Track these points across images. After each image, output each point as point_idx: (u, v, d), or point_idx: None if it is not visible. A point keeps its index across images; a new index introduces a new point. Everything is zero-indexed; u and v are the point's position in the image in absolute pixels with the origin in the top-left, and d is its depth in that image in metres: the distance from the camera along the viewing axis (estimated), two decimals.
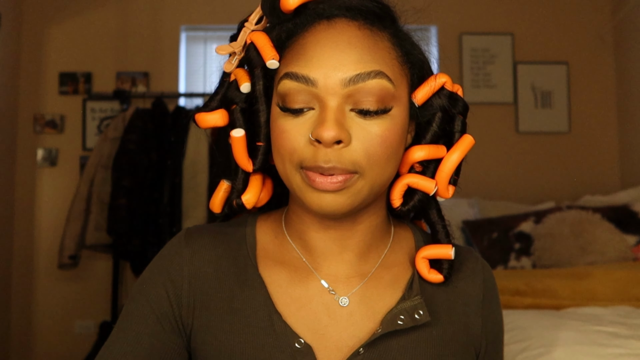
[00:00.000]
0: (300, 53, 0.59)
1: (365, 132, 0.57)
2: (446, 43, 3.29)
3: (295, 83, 0.58)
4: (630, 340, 1.31)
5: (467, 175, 3.07)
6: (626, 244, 2.28)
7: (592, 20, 3.32)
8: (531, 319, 1.50)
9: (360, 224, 0.65)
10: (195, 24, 3.28)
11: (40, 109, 3.19)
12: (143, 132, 2.75)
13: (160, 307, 0.63)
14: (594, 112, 3.31)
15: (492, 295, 0.71)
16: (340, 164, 0.56)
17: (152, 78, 3.22)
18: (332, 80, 0.56)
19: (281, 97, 0.59)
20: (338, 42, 0.58)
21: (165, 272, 0.65)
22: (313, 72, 0.57)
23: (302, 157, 0.57)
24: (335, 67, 0.57)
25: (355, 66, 0.57)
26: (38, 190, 3.18)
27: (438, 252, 0.66)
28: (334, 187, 0.56)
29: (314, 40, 0.59)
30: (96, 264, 3.09)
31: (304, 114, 0.58)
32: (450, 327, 0.65)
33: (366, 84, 0.57)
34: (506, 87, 3.28)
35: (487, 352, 0.69)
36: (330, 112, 0.56)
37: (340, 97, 0.57)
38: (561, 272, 1.95)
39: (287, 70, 0.59)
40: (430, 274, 0.66)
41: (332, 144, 0.56)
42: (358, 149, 0.57)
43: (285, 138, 0.58)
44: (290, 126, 0.58)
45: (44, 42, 3.22)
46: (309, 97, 0.58)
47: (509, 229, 2.44)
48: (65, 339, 3.08)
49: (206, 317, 0.63)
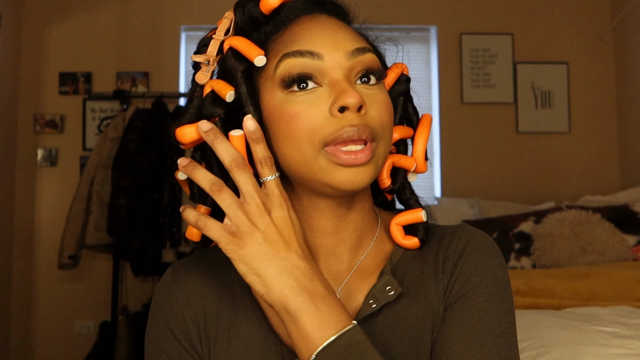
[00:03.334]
0: (296, 37, 0.60)
1: (373, 100, 0.60)
2: (446, 43, 3.30)
3: (300, 59, 0.58)
4: (630, 340, 1.31)
5: (467, 175, 3.08)
6: (626, 244, 2.28)
7: (592, 20, 3.32)
8: (531, 319, 1.50)
9: (353, 211, 0.65)
10: (195, 24, 3.28)
11: (40, 109, 3.19)
12: (143, 132, 2.75)
13: (181, 357, 0.63)
14: (594, 112, 3.31)
15: (473, 251, 0.64)
16: (366, 127, 0.57)
17: (152, 78, 3.22)
18: (338, 53, 0.59)
19: (283, 79, 0.59)
20: (331, 26, 0.62)
21: (170, 322, 0.64)
22: (317, 48, 0.59)
23: (325, 132, 0.57)
24: (336, 43, 0.60)
25: (352, 42, 0.60)
26: (38, 190, 3.18)
27: (409, 216, 0.67)
28: (365, 159, 0.57)
29: (306, 27, 0.61)
30: (96, 264, 3.09)
31: (313, 91, 0.58)
32: (429, 304, 0.64)
33: (365, 57, 0.60)
34: (506, 87, 3.28)
35: (454, 311, 0.61)
36: (344, 82, 0.58)
37: (346, 70, 0.59)
38: (561, 272, 1.95)
39: (285, 51, 0.59)
40: (405, 240, 0.66)
41: (356, 110, 0.57)
42: (374, 115, 0.59)
43: (302, 118, 0.58)
44: (302, 106, 0.58)
45: (44, 42, 3.22)
46: (315, 72, 0.59)
47: (509, 229, 2.44)
48: (65, 339, 3.09)
49: (214, 350, 0.63)
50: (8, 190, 3.10)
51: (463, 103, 3.25)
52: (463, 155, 3.24)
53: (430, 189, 3.26)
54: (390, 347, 0.61)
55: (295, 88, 0.58)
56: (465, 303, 0.61)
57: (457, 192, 3.17)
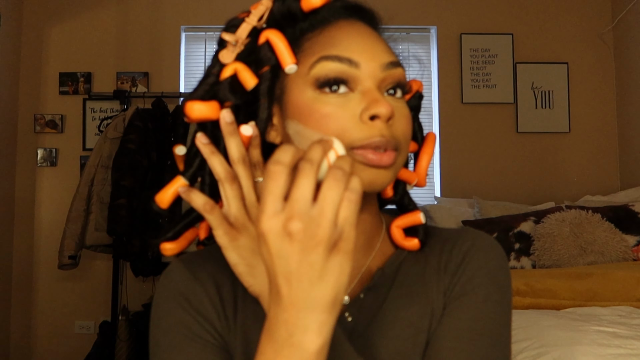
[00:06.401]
0: (335, 40, 0.61)
1: (399, 113, 0.61)
2: (446, 43, 3.30)
3: (338, 64, 0.60)
4: (630, 340, 1.31)
5: (467, 175, 3.07)
6: (626, 244, 2.28)
7: (592, 20, 3.32)
8: (531, 319, 1.50)
9: (363, 212, 0.66)
10: (195, 24, 3.28)
11: (40, 109, 3.20)
12: (143, 132, 2.76)
13: (204, 337, 0.62)
14: (594, 112, 3.31)
15: (477, 252, 0.65)
16: (393, 139, 0.59)
17: (152, 78, 3.22)
18: (374, 64, 0.61)
19: (317, 79, 0.60)
20: (369, 35, 0.63)
21: (190, 310, 0.63)
22: (355, 56, 0.60)
23: (354, 137, 0.58)
24: (373, 53, 0.61)
25: (388, 55, 0.62)
26: (38, 190, 3.18)
27: (408, 219, 0.68)
28: (389, 162, 0.59)
29: (344, 32, 0.62)
30: (96, 264, 3.09)
31: (345, 95, 0.60)
32: (430, 304, 0.64)
33: (397, 71, 0.62)
34: (506, 87, 3.28)
35: (451, 309, 0.62)
36: (376, 92, 0.60)
37: (378, 81, 0.61)
38: (561, 272, 1.95)
39: (324, 54, 0.61)
40: (405, 241, 0.68)
41: (386, 120, 0.59)
42: (398, 127, 0.61)
43: (332, 119, 0.59)
44: (333, 108, 0.59)
45: (44, 42, 3.22)
46: (350, 78, 0.60)
47: (509, 229, 2.44)
48: (65, 339, 3.09)
49: (233, 339, 0.63)
50: (8, 190, 3.10)
51: (463, 103, 3.25)
52: (463, 155, 3.24)
53: (430, 189, 3.26)
54: (389, 345, 0.62)
55: (327, 90, 0.60)
56: (463, 302, 0.62)
57: (457, 192, 3.17)
